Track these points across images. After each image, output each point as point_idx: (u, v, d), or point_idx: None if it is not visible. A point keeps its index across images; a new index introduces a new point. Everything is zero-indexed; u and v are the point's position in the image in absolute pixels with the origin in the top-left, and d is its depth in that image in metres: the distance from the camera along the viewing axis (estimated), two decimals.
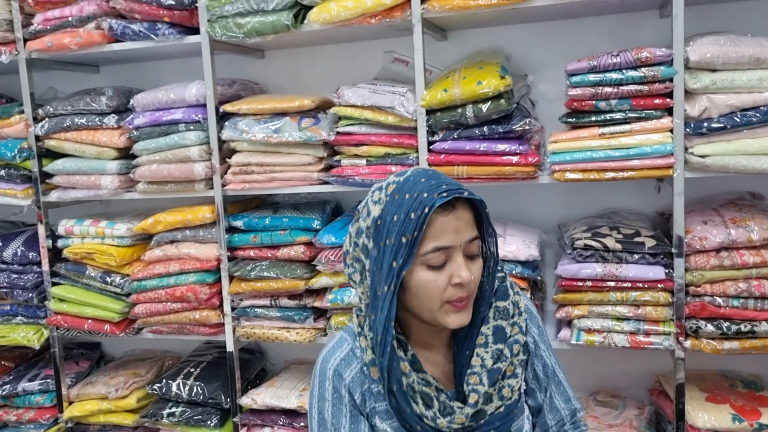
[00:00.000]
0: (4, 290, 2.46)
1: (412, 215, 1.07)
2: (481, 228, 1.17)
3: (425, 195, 1.08)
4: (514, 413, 1.18)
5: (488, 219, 1.16)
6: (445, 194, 1.07)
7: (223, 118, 2.19)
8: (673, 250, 1.83)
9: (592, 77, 1.80)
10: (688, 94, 1.80)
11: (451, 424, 1.13)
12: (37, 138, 2.37)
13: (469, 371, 1.17)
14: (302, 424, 2.18)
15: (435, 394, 1.15)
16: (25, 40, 2.33)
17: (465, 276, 1.09)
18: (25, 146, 2.37)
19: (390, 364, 1.12)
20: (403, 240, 1.08)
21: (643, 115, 1.80)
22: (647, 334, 1.87)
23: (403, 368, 1.14)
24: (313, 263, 2.14)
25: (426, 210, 1.06)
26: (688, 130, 1.79)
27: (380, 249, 1.11)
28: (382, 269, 1.10)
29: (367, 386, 1.19)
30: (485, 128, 1.91)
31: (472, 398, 1.14)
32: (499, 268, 1.24)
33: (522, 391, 1.22)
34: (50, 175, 2.40)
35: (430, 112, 1.97)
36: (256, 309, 2.23)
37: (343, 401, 1.19)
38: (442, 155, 1.96)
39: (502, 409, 1.17)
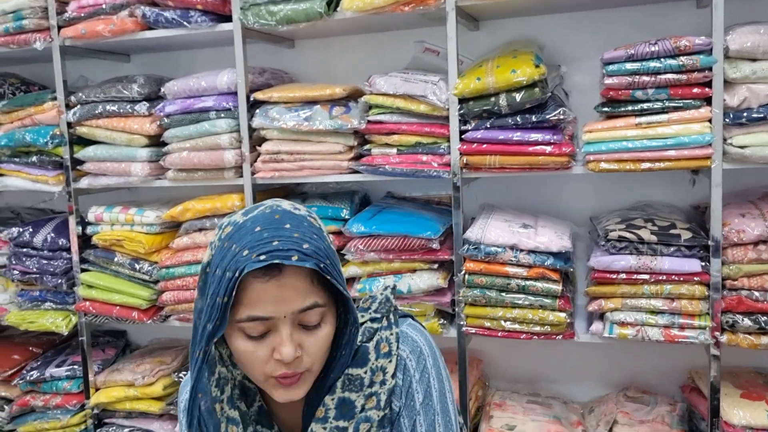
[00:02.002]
0: (34, 276, 2.49)
1: (228, 274, 0.90)
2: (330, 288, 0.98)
3: (245, 253, 0.89)
4: None
5: (335, 285, 0.95)
6: (263, 257, 0.88)
7: (253, 106, 2.19)
8: (710, 243, 1.80)
9: (629, 66, 1.77)
10: (728, 83, 1.76)
11: None
12: (69, 125, 2.39)
13: None
14: None
15: None
16: (59, 28, 2.35)
17: (286, 354, 0.92)
18: (57, 133, 2.39)
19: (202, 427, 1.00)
20: (218, 301, 0.90)
21: (681, 104, 1.77)
22: (682, 328, 1.84)
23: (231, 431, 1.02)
24: (341, 252, 2.13)
25: (237, 273, 0.89)
26: (726, 120, 1.76)
27: (204, 303, 0.95)
28: (198, 328, 0.95)
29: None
30: (518, 117, 1.89)
31: None
32: (377, 316, 1.07)
33: None
34: (81, 162, 2.42)
35: (462, 101, 1.95)
36: None
37: None
38: (474, 144, 1.94)
39: None
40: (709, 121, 1.76)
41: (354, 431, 1.01)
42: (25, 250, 2.50)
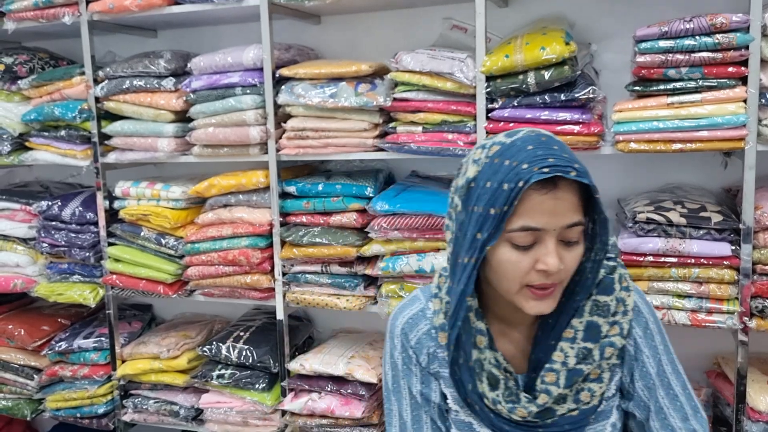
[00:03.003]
0: (63, 249, 2.52)
1: (505, 186, 0.96)
2: (587, 212, 1.04)
3: (524, 166, 0.95)
4: (589, 419, 1.10)
5: (599, 205, 1.02)
6: (546, 170, 0.94)
7: (279, 82, 2.19)
8: (741, 226, 1.76)
9: (662, 44, 1.73)
10: (765, 62, 1.71)
11: (512, 413, 1.07)
12: (97, 99, 2.40)
13: (547, 366, 1.08)
14: (349, 391, 2.18)
15: (503, 376, 1.09)
16: (87, 2, 2.35)
17: (552, 264, 0.98)
18: (85, 107, 2.41)
19: (460, 336, 1.07)
20: (492, 212, 0.97)
21: (716, 84, 1.72)
22: (710, 312, 1.81)
23: (479, 342, 1.09)
24: (365, 230, 2.13)
25: (520, 184, 0.94)
26: (762, 100, 1.71)
27: (468, 214, 1.02)
28: (466, 238, 1.01)
29: (433, 350, 1.16)
30: (547, 96, 1.86)
31: (542, 399, 1.07)
32: (611, 256, 1.12)
33: (604, 397, 1.11)
34: (108, 137, 2.44)
35: (489, 78, 1.92)
36: (306, 275, 2.23)
37: (412, 361, 1.17)
38: (501, 123, 1.92)
39: (575, 413, 1.09)
40: (744, 101, 1.72)
41: (599, 353, 1.08)
42: (53, 223, 2.54)
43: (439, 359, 1.16)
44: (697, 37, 1.70)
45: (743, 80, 1.72)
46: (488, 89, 1.92)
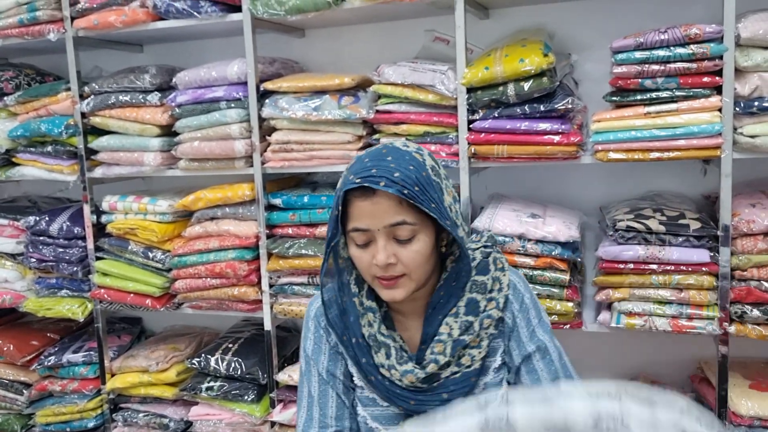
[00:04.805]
0: (51, 264, 2.53)
1: (339, 193, 1.16)
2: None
3: (350, 177, 1.14)
4: (471, 380, 1.23)
5: (425, 207, 1.13)
6: (358, 180, 1.12)
7: (263, 96, 2.21)
8: (719, 233, 1.79)
9: (638, 54, 1.75)
10: (739, 72, 1.74)
11: (403, 377, 1.21)
12: (83, 115, 2.42)
13: (437, 338, 1.22)
14: None
15: (396, 345, 1.24)
16: (72, 19, 2.37)
17: (379, 259, 1.15)
18: (72, 123, 2.42)
19: (347, 317, 1.26)
20: (332, 214, 1.18)
21: (691, 93, 1.75)
22: (690, 318, 1.83)
23: (370, 319, 1.24)
24: None
25: (341, 193, 1.15)
26: (737, 109, 1.74)
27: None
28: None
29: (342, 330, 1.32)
30: (526, 107, 1.88)
31: (431, 368, 1.21)
32: (488, 244, 1.31)
33: (486, 362, 1.26)
34: (95, 152, 2.45)
35: (470, 90, 1.95)
36: (293, 286, 2.24)
37: (322, 340, 1.32)
38: (482, 134, 1.94)
39: (458, 375, 1.23)
40: (719, 110, 1.75)
41: (479, 324, 1.23)
42: (41, 238, 2.55)
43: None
44: (672, 48, 1.73)
45: (718, 89, 1.75)
46: (469, 101, 1.95)
